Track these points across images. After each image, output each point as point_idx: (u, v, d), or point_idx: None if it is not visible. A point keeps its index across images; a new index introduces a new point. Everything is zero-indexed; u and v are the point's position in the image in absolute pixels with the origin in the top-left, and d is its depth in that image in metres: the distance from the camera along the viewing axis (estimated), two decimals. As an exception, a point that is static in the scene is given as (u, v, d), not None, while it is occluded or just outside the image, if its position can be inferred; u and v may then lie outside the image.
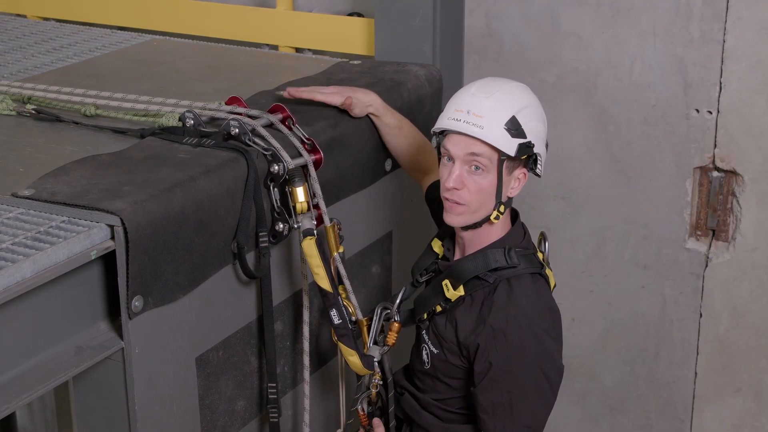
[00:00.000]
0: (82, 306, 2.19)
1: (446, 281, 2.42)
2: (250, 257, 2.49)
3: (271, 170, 2.47)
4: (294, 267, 2.68)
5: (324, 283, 2.47)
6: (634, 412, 3.58)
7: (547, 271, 2.47)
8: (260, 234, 2.48)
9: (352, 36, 3.54)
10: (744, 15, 3.07)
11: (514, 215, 2.48)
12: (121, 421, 2.27)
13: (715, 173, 3.24)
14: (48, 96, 2.83)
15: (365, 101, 2.79)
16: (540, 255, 2.47)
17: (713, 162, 3.23)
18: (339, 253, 2.59)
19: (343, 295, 2.60)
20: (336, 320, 2.51)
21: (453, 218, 2.37)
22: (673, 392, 3.49)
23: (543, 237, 2.55)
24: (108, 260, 2.18)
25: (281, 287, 2.65)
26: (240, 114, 2.59)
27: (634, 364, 3.53)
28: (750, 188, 3.20)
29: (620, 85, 3.29)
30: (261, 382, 2.65)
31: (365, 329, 2.63)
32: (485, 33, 3.46)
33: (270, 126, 2.58)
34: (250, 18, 3.77)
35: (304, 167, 2.55)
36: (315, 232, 2.47)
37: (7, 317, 2.00)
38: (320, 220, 2.57)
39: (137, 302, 2.18)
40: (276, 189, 2.50)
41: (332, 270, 2.58)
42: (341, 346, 2.55)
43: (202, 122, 2.56)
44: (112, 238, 2.14)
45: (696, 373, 3.43)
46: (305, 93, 2.77)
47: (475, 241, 2.43)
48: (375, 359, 2.57)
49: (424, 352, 2.50)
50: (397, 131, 2.84)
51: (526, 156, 2.35)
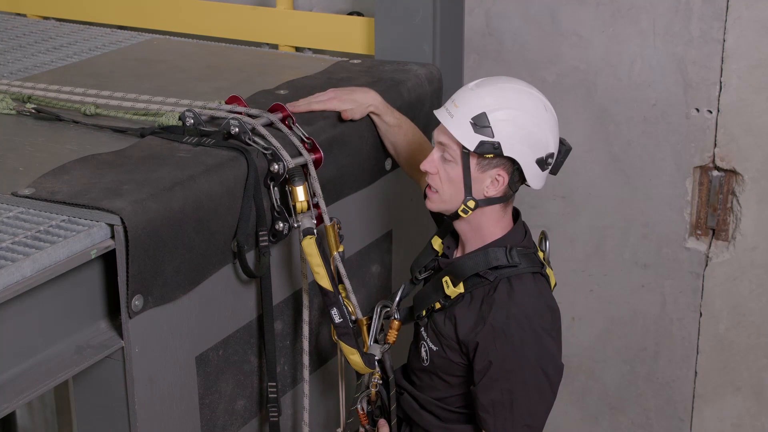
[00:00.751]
0: (82, 305, 2.19)
1: (446, 278, 2.42)
2: (250, 256, 2.49)
3: (271, 169, 2.47)
4: (294, 266, 2.68)
5: (324, 282, 2.47)
6: (634, 411, 3.58)
7: (548, 271, 2.47)
8: (260, 233, 2.48)
9: (352, 35, 3.54)
10: (744, 14, 3.07)
11: (516, 214, 2.48)
12: (121, 421, 2.27)
13: (715, 172, 3.24)
14: (48, 95, 2.83)
15: (365, 102, 2.77)
16: (541, 254, 2.47)
17: (713, 161, 3.23)
18: (339, 252, 2.59)
19: (343, 294, 2.60)
20: (337, 319, 2.51)
21: (428, 203, 2.45)
22: (673, 391, 3.49)
23: (544, 236, 2.55)
24: (108, 259, 2.18)
25: (281, 286, 2.65)
26: (240, 113, 2.59)
27: (634, 363, 3.53)
28: (750, 187, 3.20)
29: (620, 85, 3.29)
30: (261, 382, 2.65)
31: (365, 328, 2.63)
32: (485, 32, 3.46)
33: (270, 125, 2.58)
34: (250, 17, 3.77)
35: (304, 166, 2.54)
36: (315, 231, 2.47)
37: (7, 316, 2.00)
38: (320, 219, 2.57)
39: (137, 301, 2.18)
40: (276, 188, 2.50)
41: (332, 269, 2.58)
42: (342, 345, 2.55)
43: (202, 121, 2.56)
44: (112, 237, 2.14)
45: (696, 372, 3.43)
46: (302, 106, 2.74)
47: (473, 239, 2.43)
48: (376, 358, 2.57)
49: (423, 350, 2.50)
50: (397, 130, 2.83)
51: (493, 156, 2.29)
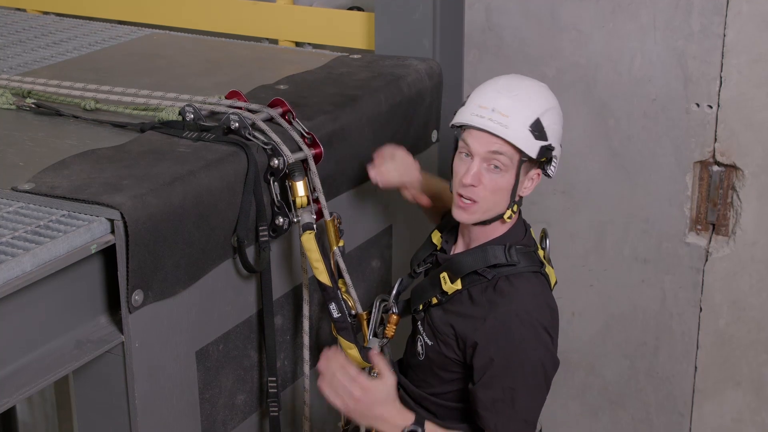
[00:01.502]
0: (82, 300, 2.20)
1: (444, 274, 2.41)
2: (250, 251, 2.49)
3: (271, 164, 2.47)
4: (294, 261, 2.68)
5: (323, 277, 2.47)
6: (634, 406, 3.58)
7: (548, 269, 2.46)
8: (260, 228, 2.48)
9: (352, 30, 3.53)
10: (744, 9, 3.07)
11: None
12: (122, 415, 2.28)
13: (716, 167, 3.24)
14: (48, 90, 2.83)
15: (403, 180, 2.67)
16: (541, 252, 2.46)
17: (713, 156, 3.23)
18: (339, 247, 2.59)
19: (343, 289, 2.60)
20: (335, 314, 2.52)
21: (464, 216, 2.35)
22: (673, 386, 3.48)
23: (544, 234, 2.54)
24: (108, 254, 2.18)
25: (281, 281, 2.65)
26: (240, 108, 2.59)
27: (634, 359, 3.53)
28: (750, 182, 3.20)
29: (620, 80, 3.29)
30: (261, 376, 2.65)
31: (365, 323, 2.63)
32: (485, 27, 3.46)
33: (270, 120, 2.58)
34: (250, 12, 3.76)
35: (304, 161, 2.54)
36: (314, 226, 2.47)
37: (7, 311, 2.00)
38: (320, 215, 2.57)
39: (137, 296, 2.18)
40: (276, 183, 2.50)
41: (332, 264, 2.58)
42: (341, 340, 2.55)
43: (202, 116, 2.56)
44: (112, 232, 2.14)
45: (696, 367, 3.43)
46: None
47: (481, 237, 2.41)
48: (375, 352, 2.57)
49: (419, 344, 2.50)
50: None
51: (545, 158, 2.33)
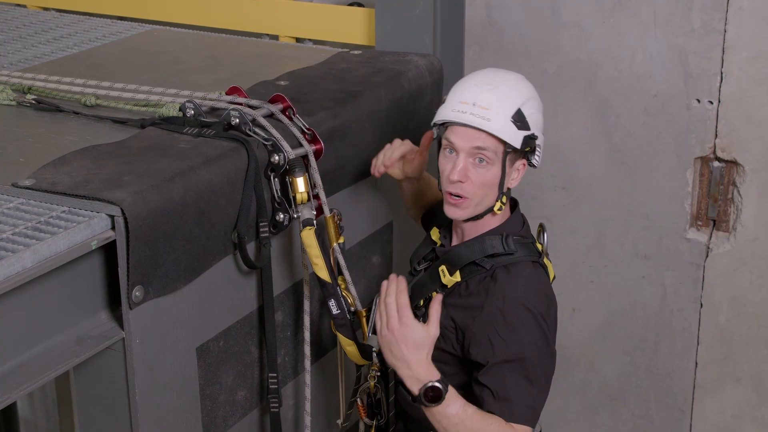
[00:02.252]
0: (83, 296, 2.19)
1: (442, 267, 2.41)
2: (251, 247, 2.49)
3: (272, 160, 2.47)
4: (295, 257, 2.68)
5: (323, 274, 2.48)
6: (634, 403, 3.58)
7: (546, 261, 2.46)
8: (261, 224, 2.48)
9: (353, 26, 3.53)
10: (745, 5, 3.07)
11: (514, 204, 2.48)
12: (122, 411, 2.28)
13: (716, 163, 3.24)
14: (48, 86, 2.83)
15: (413, 170, 2.65)
16: (539, 246, 2.46)
17: (714, 152, 3.23)
18: (339, 244, 2.59)
19: (343, 286, 2.60)
20: (334, 310, 2.52)
21: (457, 212, 2.36)
22: (674, 382, 3.49)
23: (542, 228, 2.54)
24: (108, 250, 2.18)
25: (282, 277, 2.65)
26: (240, 104, 2.58)
27: (635, 355, 3.53)
28: (751, 178, 3.20)
29: (621, 76, 3.29)
30: (262, 372, 2.65)
31: (364, 319, 2.63)
32: (486, 23, 3.45)
33: (270, 116, 2.58)
34: (251, 8, 3.76)
35: (305, 157, 2.54)
36: (314, 223, 2.47)
37: (8, 307, 2.00)
38: (320, 211, 2.57)
39: (138, 292, 2.18)
40: (276, 179, 2.50)
41: (332, 260, 2.58)
42: (340, 337, 2.55)
43: (203, 112, 2.56)
44: (113, 228, 2.14)
45: (696, 364, 3.43)
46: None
47: (474, 231, 2.42)
48: (373, 349, 2.57)
49: None
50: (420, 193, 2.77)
51: (529, 147, 2.35)
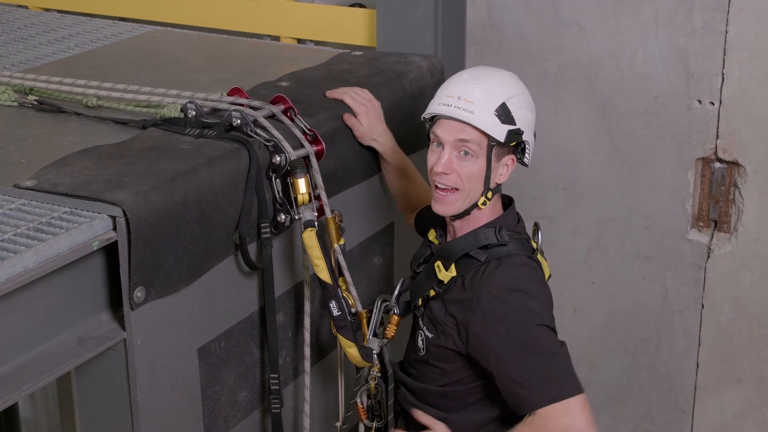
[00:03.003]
0: (84, 297, 2.20)
1: (438, 262, 2.42)
2: (252, 248, 2.49)
3: (273, 161, 2.47)
4: (296, 258, 2.68)
5: (324, 275, 2.48)
6: (636, 403, 3.58)
7: (540, 259, 2.46)
8: (262, 225, 2.48)
9: (354, 27, 3.53)
10: (746, 5, 3.07)
11: (508, 201, 2.48)
12: (123, 412, 2.28)
13: (717, 164, 3.24)
14: (50, 87, 2.83)
15: (374, 133, 2.79)
16: (533, 244, 2.46)
17: (715, 153, 3.22)
18: (340, 245, 2.59)
19: (343, 287, 2.59)
20: (335, 312, 2.52)
21: (443, 208, 2.39)
22: (675, 383, 3.49)
23: (537, 227, 2.54)
24: (110, 251, 2.18)
25: (283, 278, 2.65)
26: (242, 105, 2.58)
27: (636, 355, 3.53)
28: (752, 179, 3.20)
29: (622, 76, 3.29)
30: (263, 373, 2.65)
31: (365, 321, 2.63)
32: (487, 23, 3.46)
33: (272, 117, 2.58)
34: (252, 9, 3.76)
35: (306, 158, 2.54)
36: (316, 224, 2.47)
37: (10, 308, 2.00)
38: (321, 212, 2.57)
39: (139, 293, 2.18)
40: (278, 180, 2.50)
41: (332, 262, 2.58)
42: (340, 338, 2.55)
43: (204, 113, 2.56)
44: (114, 229, 2.14)
45: (697, 364, 3.43)
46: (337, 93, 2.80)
47: (466, 228, 2.44)
48: (374, 351, 2.57)
49: (420, 339, 2.49)
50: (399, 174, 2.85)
51: (515, 143, 2.36)
